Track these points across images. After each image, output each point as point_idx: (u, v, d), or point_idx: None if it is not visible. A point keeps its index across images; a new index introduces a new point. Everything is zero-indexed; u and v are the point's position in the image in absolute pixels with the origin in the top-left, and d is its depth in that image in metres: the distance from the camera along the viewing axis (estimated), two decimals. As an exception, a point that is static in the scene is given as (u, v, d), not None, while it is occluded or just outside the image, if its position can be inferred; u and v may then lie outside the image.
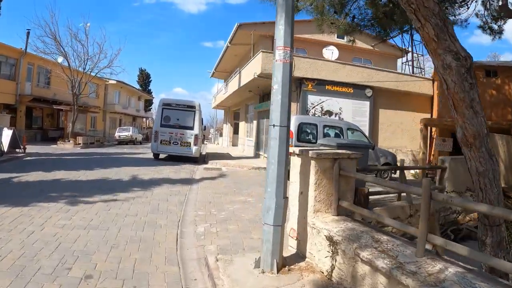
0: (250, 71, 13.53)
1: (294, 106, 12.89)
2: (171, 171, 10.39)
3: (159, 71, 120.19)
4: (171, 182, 8.43)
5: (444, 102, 14.24)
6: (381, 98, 14.36)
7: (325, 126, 9.81)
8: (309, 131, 9.84)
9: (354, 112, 13.75)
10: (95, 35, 47.57)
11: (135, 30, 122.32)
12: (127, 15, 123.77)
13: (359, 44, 19.67)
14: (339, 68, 13.31)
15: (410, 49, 18.06)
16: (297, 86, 12.86)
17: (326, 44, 18.10)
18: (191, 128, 13.09)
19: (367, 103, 14.04)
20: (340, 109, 13.49)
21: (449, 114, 12.45)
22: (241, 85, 15.85)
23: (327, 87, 13.15)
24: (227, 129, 30.28)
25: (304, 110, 12.72)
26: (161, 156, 14.02)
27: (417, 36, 18.85)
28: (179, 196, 6.89)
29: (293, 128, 9.31)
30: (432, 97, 15.30)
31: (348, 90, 13.53)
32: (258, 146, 17.06)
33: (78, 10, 69.34)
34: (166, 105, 13.39)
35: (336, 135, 10.16)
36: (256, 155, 16.96)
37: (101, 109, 33.59)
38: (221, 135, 38.60)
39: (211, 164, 13.04)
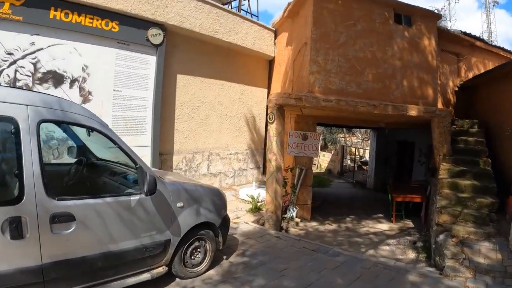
0: None
1: None
2: None
3: None
4: None
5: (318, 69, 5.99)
6: (181, 53, 6.98)
7: (43, 124, 2.09)
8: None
9: (120, 78, 5.85)
10: None
11: None
12: None
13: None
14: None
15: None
16: None
17: None
18: None
19: (153, 60, 6.37)
20: (84, 70, 5.17)
21: (315, 89, 6.15)
22: None
23: (53, 12, 4.48)
24: None
25: None
26: None
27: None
28: None
29: None
30: (272, 61, 8.86)
31: (109, 25, 5.30)
32: None
33: None
34: None
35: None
36: None
37: None
38: None
39: None
